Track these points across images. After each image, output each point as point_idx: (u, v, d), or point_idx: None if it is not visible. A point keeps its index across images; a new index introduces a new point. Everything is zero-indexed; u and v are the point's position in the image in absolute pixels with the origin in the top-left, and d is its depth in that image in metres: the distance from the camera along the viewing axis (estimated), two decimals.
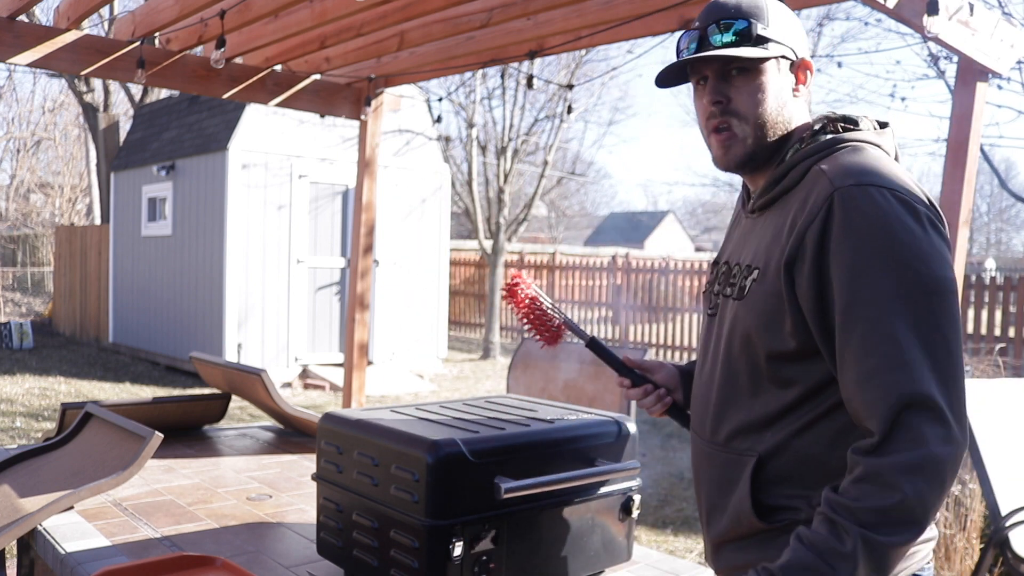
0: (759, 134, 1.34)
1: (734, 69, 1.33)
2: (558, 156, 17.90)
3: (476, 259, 15.55)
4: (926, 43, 7.16)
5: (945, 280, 1.16)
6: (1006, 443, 3.33)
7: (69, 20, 3.66)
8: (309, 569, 1.80)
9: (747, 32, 1.31)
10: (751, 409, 1.32)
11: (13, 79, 23.97)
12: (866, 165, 1.23)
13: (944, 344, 1.14)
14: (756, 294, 1.30)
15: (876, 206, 1.17)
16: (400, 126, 10.69)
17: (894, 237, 1.15)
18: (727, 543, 1.35)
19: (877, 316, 1.14)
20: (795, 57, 1.36)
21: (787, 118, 1.35)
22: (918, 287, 1.14)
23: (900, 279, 1.14)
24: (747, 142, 1.34)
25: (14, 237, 20.20)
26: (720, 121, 1.34)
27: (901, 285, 1.14)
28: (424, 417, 1.75)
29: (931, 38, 2.77)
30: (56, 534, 1.94)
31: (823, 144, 1.31)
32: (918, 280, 1.14)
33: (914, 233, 1.16)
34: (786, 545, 1.22)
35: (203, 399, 3.11)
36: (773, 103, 1.33)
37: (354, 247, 4.87)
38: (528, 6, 3.45)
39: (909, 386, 1.11)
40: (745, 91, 1.33)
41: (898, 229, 1.16)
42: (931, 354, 1.12)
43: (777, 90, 1.34)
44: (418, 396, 9.45)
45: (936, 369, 1.12)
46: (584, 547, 1.71)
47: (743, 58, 1.31)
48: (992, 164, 8.25)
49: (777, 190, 1.34)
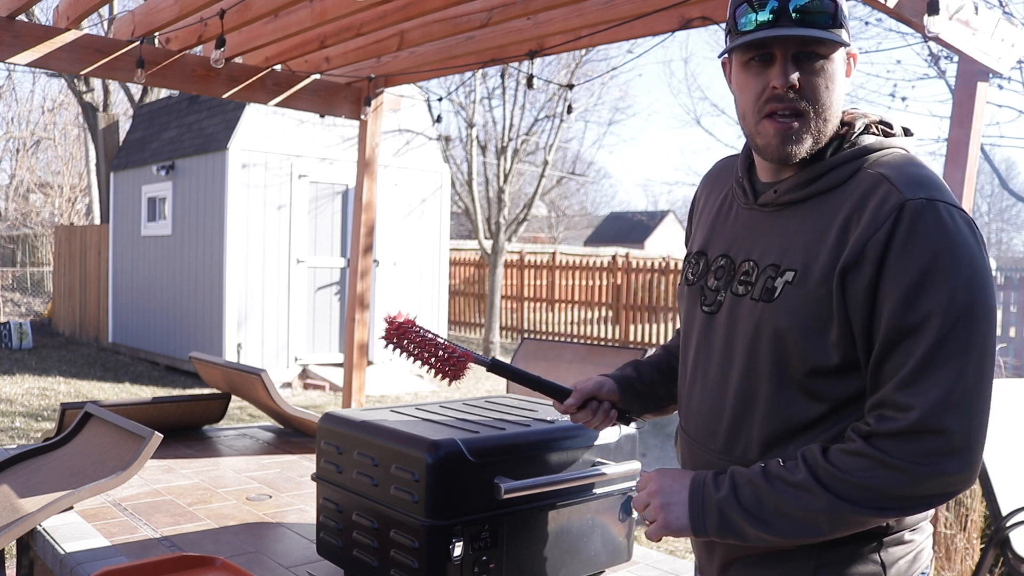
0: (824, 128, 1.23)
1: (812, 52, 1.21)
2: (558, 156, 17.90)
3: (476, 259, 15.55)
4: (926, 43, 7.15)
5: (994, 309, 1.16)
6: (1006, 443, 3.33)
7: (68, 20, 3.65)
8: (309, 569, 1.80)
9: (837, 15, 1.20)
10: (771, 421, 1.25)
11: (12, 79, 23.99)
12: (931, 179, 1.19)
13: (983, 374, 1.13)
14: (794, 299, 1.21)
15: (944, 224, 1.14)
16: (400, 126, 10.68)
17: (961, 259, 1.13)
18: (738, 560, 1.30)
19: (931, 333, 1.12)
20: (846, 47, 1.24)
21: (840, 108, 1.26)
22: (972, 312, 1.12)
23: (960, 301, 1.12)
24: (816, 135, 1.23)
25: (13, 237, 20.19)
26: (786, 106, 1.21)
27: (960, 307, 1.12)
28: (424, 417, 1.75)
29: (931, 38, 2.77)
30: (56, 534, 1.94)
31: (871, 147, 1.24)
32: (974, 305, 1.13)
33: (976, 258, 1.14)
34: (806, 558, 1.23)
35: (203, 399, 3.10)
36: (839, 95, 1.24)
37: (354, 247, 4.86)
38: (528, 6, 3.45)
39: (940, 410, 1.11)
40: (819, 78, 1.21)
41: (964, 252, 1.13)
42: (971, 382, 1.12)
43: (843, 81, 1.25)
44: (418, 396, 9.45)
45: (967, 399, 1.12)
46: (584, 547, 1.71)
47: (829, 41, 1.19)
48: (992, 164, 8.26)
49: (816, 187, 1.24)
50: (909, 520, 1.26)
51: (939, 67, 7.93)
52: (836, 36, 1.20)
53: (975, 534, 3.87)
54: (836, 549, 1.22)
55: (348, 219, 10.23)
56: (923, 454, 1.11)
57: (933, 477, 1.11)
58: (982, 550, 3.58)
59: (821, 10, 1.19)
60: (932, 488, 1.13)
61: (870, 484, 1.13)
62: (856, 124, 1.28)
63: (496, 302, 12.75)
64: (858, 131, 1.27)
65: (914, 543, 1.27)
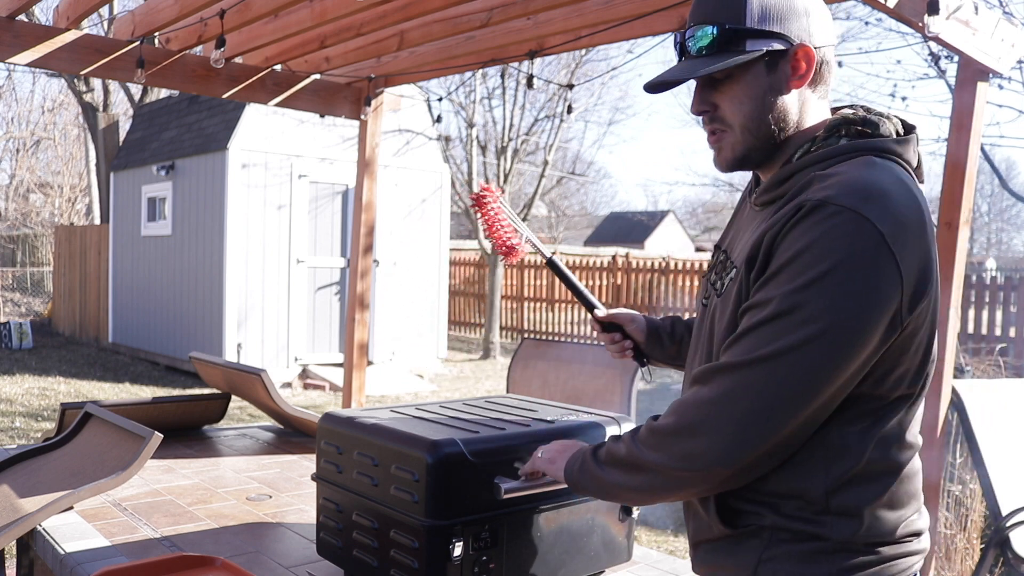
0: (747, 137, 1.27)
1: (711, 77, 1.26)
2: (558, 156, 17.90)
3: (476, 259, 15.55)
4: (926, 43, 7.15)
5: (842, 326, 1.10)
6: (1006, 443, 3.33)
7: (68, 20, 3.65)
8: (309, 569, 1.80)
9: (720, 38, 1.23)
10: None
11: (12, 79, 23.99)
12: (860, 184, 1.13)
13: (772, 376, 1.12)
14: (728, 294, 1.27)
15: (825, 225, 1.10)
16: (400, 126, 10.69)
17: (820, 261, 1.10)
18: (702, 543, 1.34)
19: (757, 315, 1.15)
20: (790, 45, 1.23)
21: (782, 116, 1.26)
22: (797, 315, 1.11)
23: (793, 299, 1.11)
24: (736, 147, 1.28)
25: (13, 237, 20.19)
26: (708, 127, 1.30)
27: (790, 304, 1.11)
28: (424, 417, 1.75)
29: (931, 38, 2.77)
30: (56, 534, 1.94)
31: (834, 151, 1.22)
32: (804, 307, 1.10)
33: (844, 267, 1.09)
34: (752, 549, 1.23)
35: (203, 399, 3.10)
36: (757, 106, 1.25)
37: (354, 247, 4.86)
38: (528, 6, 3.45)
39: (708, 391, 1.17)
40: (727, 97, 1.26)
41: (829, 256, 1.10)
42: (755, 375, 1.13)
43: (762, 91, 1.24)
44: (418, 396, 9.45)
45: (742, 390, 1.14)
46: (584, 547, 1.71)
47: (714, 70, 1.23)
48: (992, 164, 8.25)
49: (775, 193, 1.27)
50: (881, 529, 1.20)
51: (939, 67, 7.92)
52: (717, 66, 1.22)
53: (975, 534, 3.87)
54: (780, 546, 1.21)
55: (348, 219, 10.23)
56: (695, 403, 1.18)
57: (678, 447, 1.18)
58: (982, 550, 3.58)
59: (699, 43, 1.25)
60: (680, 460, 1.18)
61: (657, 447, 1.22)
62: (820, 132, 1.27)
63: (496, 302, 12.76)
64: (823, 137, 1.26)
65: (880, 557, 1.20)
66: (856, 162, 1.20)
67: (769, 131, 1.27)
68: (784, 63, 1.25)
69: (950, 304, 3.17)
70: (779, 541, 1.21)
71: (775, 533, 1.21)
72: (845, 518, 1.18)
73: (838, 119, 1.27)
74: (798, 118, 1.28)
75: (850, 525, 1.18)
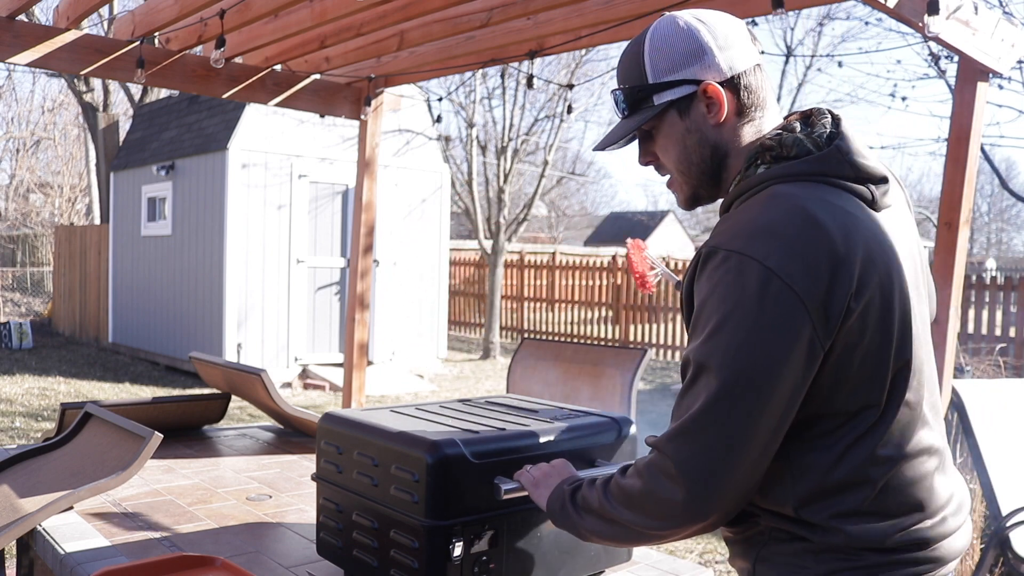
0: (686, 179, 1.34)
1: (644, 128, 1.34)
2: (558, 156, 17.91)
3: (476, 259, 15.55)
4: (927, 43, 7.15)
5: (766, 373, 1.12)
6: (1006, 443, 3.33)
7: (68, 20, 3.65)
8: (309, 569, 1.80)
9: (630, 98, 1.32)
10: None
11: (12, 79, 23.99)
12: (748, 225, 1.17)
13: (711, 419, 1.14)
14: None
15: (717, 274, 1.15)
16: (400, 126, 10.69)
17: (716, 310, 1.14)
18: (726, 540, 1.37)
19: (688, 376, 1.20)
20: (695, 87, 1.26)
21: (708, 154, 1.30)
22: (707, 365, 1.14)
23: (702, 353, 1.16)
24: (683, 188, 1.36)
25: (13, 237, 20.20)
26: (661, 174, 1.39)
27: (702, 358, 1.16)
28: (424, 417, 1.75)
29: (931, 37, 2.77)
30: (56, 534, 1.94)
31: (748, 184, 1.25)
32: (712, 357, 1.14)
33: (739, 309, 1.12)
34: (752, 548, 1.27)
35: (203, 399, 3.10)
36: (680, 150, 1.31)
37: (354, 247, 4.86)
38: (528, 6, 3.45)
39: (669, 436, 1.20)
40: (659, 147, 1.34)
41: (722, 303, 1.14)
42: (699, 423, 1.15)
43: (680, 135, 1.30)
44: (418, 396, 9.45)
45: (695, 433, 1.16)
46: (584, 547, 1.71)
47: (631, 132, 1.32)
48: (993, 164, 8.25)
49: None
50: (868, 537, 1.18)
51: (939, 67, 7.92)
52: (633, 121, 1.31)
53: (975, 534, 3.87)
54: (774, 546, 1.24)
55: (348, 219, 10.23)
56: (657, 471, 1.20)
57: (658, 495, 1.20)
58: (982, 550, 3.58)
59: (619, 105, 1.33)
60: (653, 520, 1.22)
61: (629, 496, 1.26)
62: (744, 161, 1.29)
63: (496, 302, 12.76)
64: (743, 168, 1.28)
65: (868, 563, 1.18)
66: (758, 197, 1.22)
67: (701, 169, 1.32)
68: (697, 104, 1.28)
69: (950, 304, 3.17)
70: (774, 541, 1.25)
71: (771, 533, 1.25)
72: (820, 529, 1.19)
73: (756, 147, 1.27)
74: (730, 149, 1.30)
75: (827, 534, 1.19)
